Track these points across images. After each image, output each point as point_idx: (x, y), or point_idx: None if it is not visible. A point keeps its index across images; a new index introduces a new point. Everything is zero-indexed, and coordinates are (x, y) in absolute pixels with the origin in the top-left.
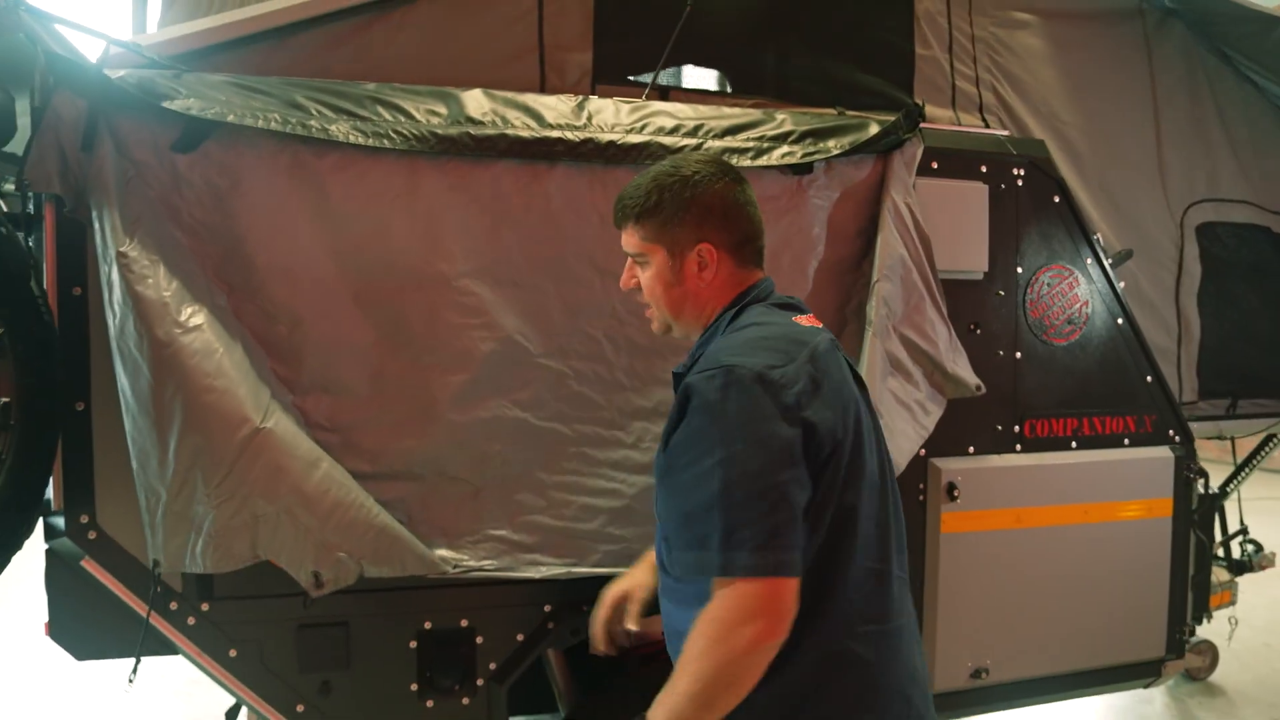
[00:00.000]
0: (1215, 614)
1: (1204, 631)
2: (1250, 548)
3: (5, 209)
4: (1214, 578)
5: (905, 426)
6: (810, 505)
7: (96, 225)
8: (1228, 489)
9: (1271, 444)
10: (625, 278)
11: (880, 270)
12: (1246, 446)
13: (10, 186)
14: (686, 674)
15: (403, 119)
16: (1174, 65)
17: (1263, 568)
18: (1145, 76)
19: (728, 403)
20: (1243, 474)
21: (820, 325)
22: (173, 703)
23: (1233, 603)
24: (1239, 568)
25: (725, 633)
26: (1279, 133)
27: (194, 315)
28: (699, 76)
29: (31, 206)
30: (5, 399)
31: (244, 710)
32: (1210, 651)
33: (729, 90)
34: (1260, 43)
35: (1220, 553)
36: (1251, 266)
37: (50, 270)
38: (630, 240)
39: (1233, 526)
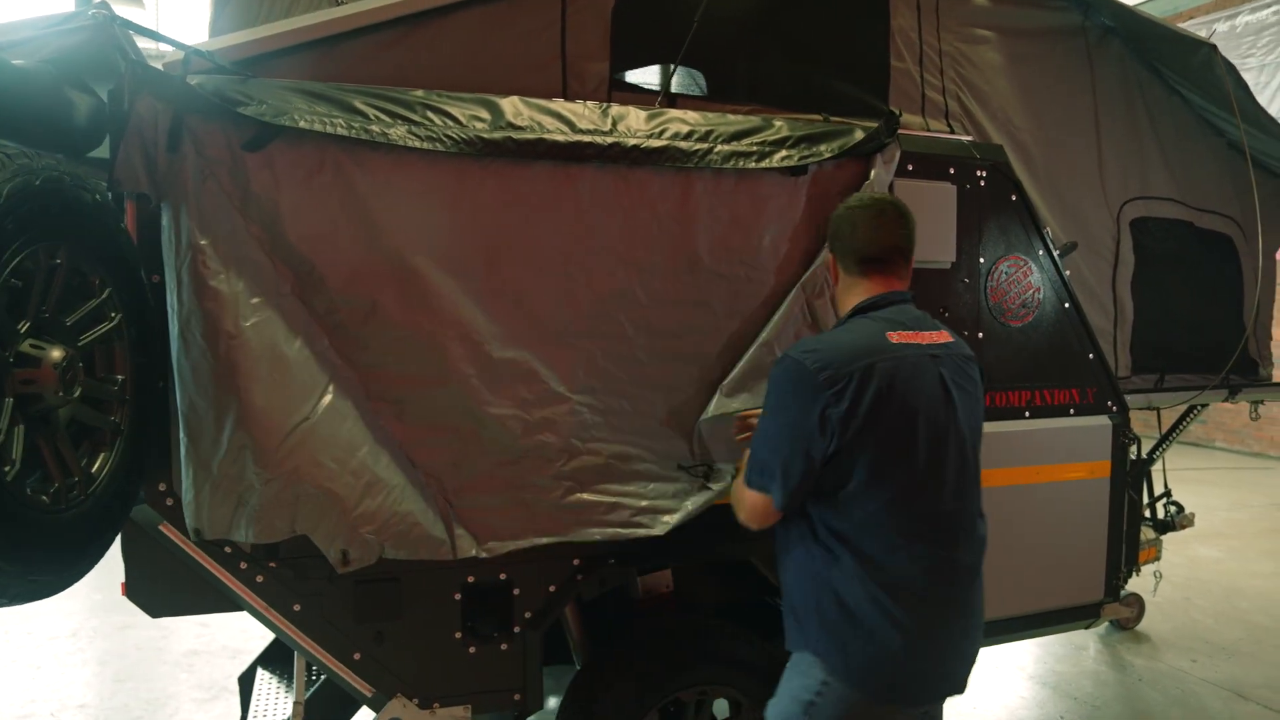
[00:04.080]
0: (1143, 569)
1: (1131, 585)
2: (1173, 509)
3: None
4: (1141, 535)
5: None
6: (820, 466)
7: (170, 220)
8: (1154, 455)
9: (1193, 415)
10: None
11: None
12: (1170, 418)
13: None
14: (732, 493)
15: (451, 124)
16: (1112, 77)
17: (1183, 527)
18: (1088, 87)
19: (779, 381)
20: (1167, 442)
21: (926, 342)
22: (173, 673)
23: (1158, 558)
24: (1163, 527)
25: (735, 502)
26: (1202, 138)
27: (259, 309)
28: (702, 85)
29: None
30: (121, 376)
31: (259, 673)
32: (1138, 603)
33: (728, 97)
34: (1185, 62)
35: (1147, 513)
36: (1177, 257)
37: None
38: None
39: (1159, 492)
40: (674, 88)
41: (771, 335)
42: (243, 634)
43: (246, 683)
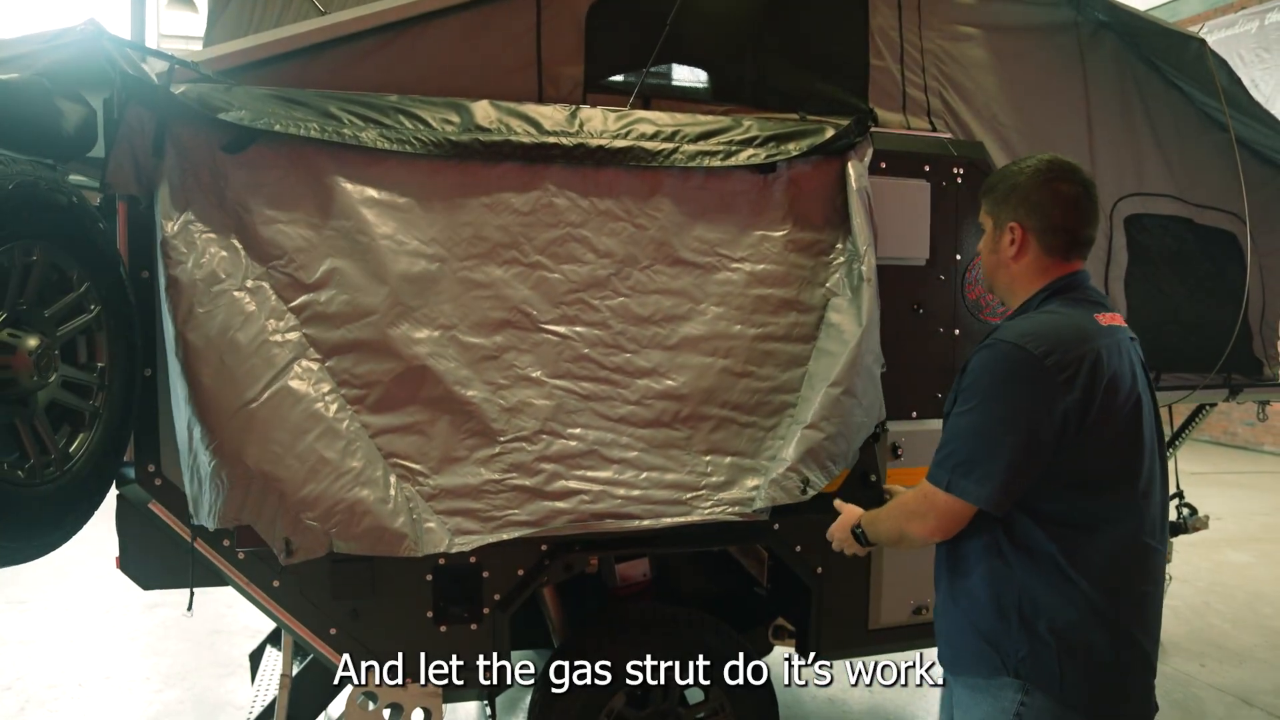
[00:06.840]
0: None
1: None
2: (1186, 511)
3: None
4: None
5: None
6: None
7: (158, 218)
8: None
9: (1202, 414)
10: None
11: (863, 243)
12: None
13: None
14: (891, 519)
15: (422, 127)
16: (1106, 72)
17: (1196, 529)
18: (1079, 83)
19: (991, 369)
20: (1177, 441)
21: (1120, 325)
22: (195, 650)
23: (1168, 561)
24: (1174, 529)
25: (912, 516)
26: (1202, 133)
27: (217, 297)
28: (679, 86)
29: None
30: (101, 364)
31: (268, 650)
32: None
33: (706, 98)
34: (1179, 56)
35: None
36: (1175, 254)
37: (124, 257)
38: (981, 213)
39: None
40: (650, 90)
41: (866, 342)
42: (263, 615)
43: (256, 659)
